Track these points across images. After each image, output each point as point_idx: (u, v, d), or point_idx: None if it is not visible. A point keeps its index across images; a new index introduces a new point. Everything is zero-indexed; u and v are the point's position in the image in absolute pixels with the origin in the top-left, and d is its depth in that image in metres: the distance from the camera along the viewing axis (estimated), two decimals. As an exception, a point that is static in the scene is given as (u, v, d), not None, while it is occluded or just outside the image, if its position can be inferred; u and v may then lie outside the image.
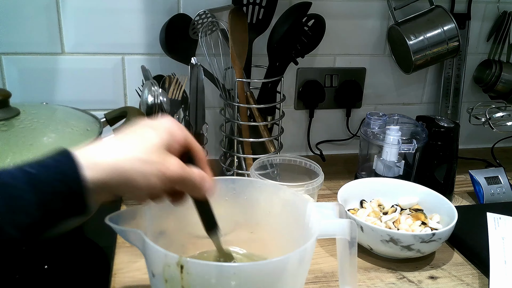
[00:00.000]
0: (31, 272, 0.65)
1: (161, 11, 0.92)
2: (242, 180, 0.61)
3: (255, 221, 0.61)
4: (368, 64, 1.07)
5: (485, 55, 1.12)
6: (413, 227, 0.73)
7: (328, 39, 0.99)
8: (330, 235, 0.53)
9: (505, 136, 1.13)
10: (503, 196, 0.90)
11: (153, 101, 0.78)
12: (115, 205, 0.84)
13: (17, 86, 0.91)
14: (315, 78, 1.05)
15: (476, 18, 1.08)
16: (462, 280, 0.69)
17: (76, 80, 0.94)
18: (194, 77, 0.80)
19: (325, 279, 0.68)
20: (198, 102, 0.81)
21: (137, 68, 0.93)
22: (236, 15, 0.83)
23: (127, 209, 0.49)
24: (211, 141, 1.03)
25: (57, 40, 0.91)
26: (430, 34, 0.95)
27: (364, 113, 0.97)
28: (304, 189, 0.75)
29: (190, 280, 0.44)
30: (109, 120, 0.76)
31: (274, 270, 0.46)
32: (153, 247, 0.45)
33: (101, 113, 0.76)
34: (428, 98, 1.14)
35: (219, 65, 0.90)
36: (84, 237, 0.74)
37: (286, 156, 0.85)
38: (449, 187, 0.91)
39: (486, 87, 1.11)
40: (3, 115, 0.63)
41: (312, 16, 0.89)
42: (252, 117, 0.89)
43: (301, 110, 1.08)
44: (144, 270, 0.67)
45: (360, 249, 0.74)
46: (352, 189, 0.81)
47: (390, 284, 0.68)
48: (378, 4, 1.02)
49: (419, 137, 0.88)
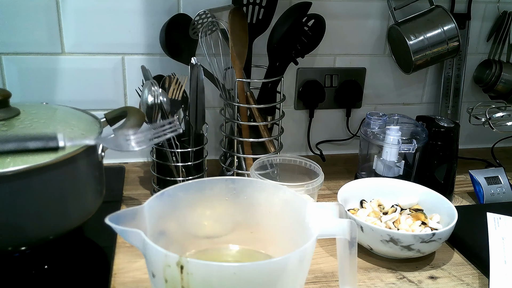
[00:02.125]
0: (31, 272, 0.65)
1: (161, 11, 0.92)
2: (242, 180, 0.61)
3: (255, 221, 0.61)
4: (368, 64, 1.07)
5: (485, 55, 1.12)
6: (413, 227, 0.73)
7: (328, 39, 0.99)
8: (330, 235, 0.53)
9: (505, 136, 1.13)
10: (503, 196, 0.90)
11: (153, 101, 0.78)
12: (115, 205, 0.84)
13: (17, 86, 0.91)
14: (315, 78, 1.05)
15: (476, 18, 1.08)
16: (462, 280, 0.69)
17: (76, 80, 0.94)
18: (194, 77, 0.80)
19: (325, 279, 0.68)
20: (198, 102, 0.81)
21: (137, 68, 0.93)
22: (236, 15, 0.83)
23: (127, 209, 0.49)
24: (211, 141, 1.03)
25: (57, 40, 0.91)
26: (430, 34, 0.95)
27: (364, 113, 0.97)
28: (304, 189, 0.75)
29: (190, 280, 0.44)
30: (109, 120, 0.76)
31: (274, 270, 0.46)
32: (153, 247, 0.45)
33: (101, 113, 0.76)
34: (428, 98, 1.14)
35: (219, 65, 0.90)
36: (84, 237, 0.74)
37: (286, 156, 0.85)
38: (449, 187, 0.91)
39: (486, 87, 1.11)
40: (3, 115, 0.63)
41: (312, 16, 0.89)
42: (252, 117, 0.89)
43: (301, 110, 1.08)
44: (144, 270, 0.67)
45: (360, 249, 0.74)
46: (352, 189, 0.81)
47: (390, 284, 0.68)
48: (378, 4, 1.02)
49: (419, 137, 0.88)
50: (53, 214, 0.62)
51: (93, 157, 0.67)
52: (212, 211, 0.61)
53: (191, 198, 0.58)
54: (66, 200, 0.63)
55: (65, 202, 0.63)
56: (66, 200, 0.63)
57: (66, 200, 0.63)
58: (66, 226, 0.65)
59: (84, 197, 0.67)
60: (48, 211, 0.61)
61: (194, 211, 0.60)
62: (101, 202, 0.71)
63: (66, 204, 0.64)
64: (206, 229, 0.62)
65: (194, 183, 0.59)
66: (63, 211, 0.63)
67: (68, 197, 0.63)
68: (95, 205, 0.69)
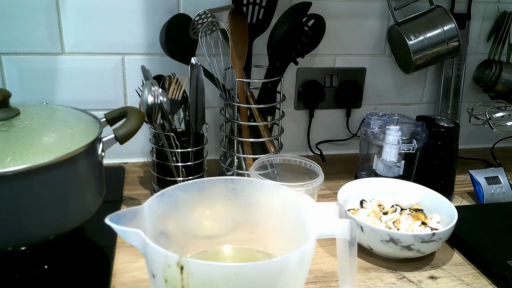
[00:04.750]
0: (31, 272, 0.65)
1: (161, 11, 0.92)
2: (242, 180, 0.61)
3: (255, 221, 0.61)
4: (368, 64, 1.07)
5: (485, 55, 1.12)
6: (413, 227, 0.73)
7: (328, 39, 0.99)
8: (330, 235, 0.53)
9: (505, 136, 1.13)
10: (503, 196, 0.90)
11: (153, 101, 0.78)
12: (115, 205, 0.84)
13: (17, 86, 0.91)
14: (315, 78, 1.05)
15: (476, 18, 1.08)
16: (462, 280, 0.69)
17: (76, 80, 0.94)
18: (194, 77, 0.80)
19: (325, 279, 0.68)
20: (198, 102, 0.81)
21: (137, 68, 0.93)
22: (236, 15, 0.83)
23: (127, 209, 0.49)
24: (211, 141, 1.03)
25: (57, 40, 0.91)
26: (430, 34, 0.95)
27: (364, 113, 0.97)
28: (304, 189, 0.75)
29: (190, 280, 0.44)
30: (109, 120, 0.76)
31: (274, 270, 0.46)
32: (153, 247, 0.45)
33: (101, 113, 0.76)
34: (428, 98, 1.14)
35: (219, 65, 0.90)
36: (84, 237, 0.74)
37: (286, 156, 0.85)
38: (449, 187, 0.91)
39: (486, 87, 1.11)
40: (3, 115, 0.63)
41: (312, 16, 0.89)
42: (252, 117, 0.89)
43: (301, 110, 1.08)
44: (144, 270, 0.67)
45: (360, 249, 0.74)
46: (352, 189, 0.81)
47: (390, 284, 0.68)
48: (378, 4, 1.02)
49: (419, 137, 0.88)
50: (53, 214, 0.62)
51: (93, 157, 0.67)
52: (212, 211, 0.61)
53: (191, 198, 0.58)
54: (66, 200, 0.63)
55: (65, 202, 0.63)
56: (66, 200, 0.63)
57: (66, 200, 0.63)
58: (66, 226, 0.65)
59: (84, 197, 0.67)
60: (48, 211, 0.61)
61: (194, 211, 0.60)
62: (101, 202, 0.71)
63: (66, 204, 0.64)
64: (206, 229, 0.62)
65: (194, 183, 0.59)
66: (63, 211, 0.63)
67: (68, 197, 0.63)
68: (95, 205, 0.69)
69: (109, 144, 0.70)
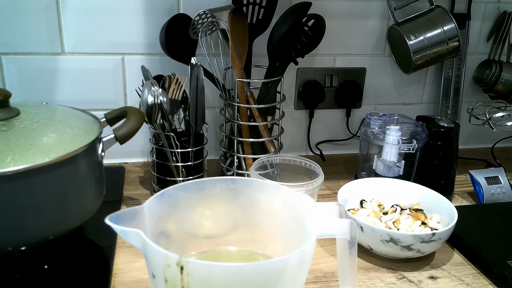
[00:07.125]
0: (31, 272, 0.65)
1: (161, 11, 0.92)
2: (242, 180, 0.61)
3: (255, 221, 0.61)
4: (368, 64, 1.07)
5: (485, 55, 1.12)
6: (413, 227, 0.73)
7: (328, 39, 0.99)
8: (330, 235, 0.53)
9: (505, 136, 1.13)
10: (503, 196, 0.90)
11: (153, 101, 0.78)
12: (115, 205, 0.84)
13: (17, 86, 0.91)
14: (315, 78, 1.05)
15: (476, 18, 1.08)
16: (462, 280, 0.69)
17: (76, 80, 0.94)
18: (194, 77, 0.80)
19: (325, 279, 0.68)
20: (198, 102, 0.81)
21: (137, 68, 0.93)
22: (236, 15, 0.83)
23: (127, 209, 0.49)
24: (211, 141, 1.03)
25: (57, 40, 0.91)
26: (430, 34, 0.95)
27: (364, 113, 0.97)
28: (304, 189, 0.75)
29: (190, 280, 0.44)
30: (109, 120, 0.76)
31: (274, 270, 0.46)
32: (153, 247, 0.45)
33: (101, 113, 0.76)
34: (428, 98, 1.14)
35: (219, 65, 0.90)
36: (84, 237, 0.74)
37: (286, 156, 0.85)
38: (449, 187, 0.91)
39: (486, 87, 1.11)
40: (3, 115, 0.63)
41: (312, 16, 0.89)
42: (252, 117, 0.89)
43: (301, 110, 1.08)
44: (144, 270, 0.67)
45: (360, 249, 0.74)
46: (352, 189, 0.81)
47: (390, 284, 0.68)
48: (378, 4, 1.02)
49: (419, 137, 0.88)
50: (53, 214, 0.62)
51: (93, 157, 0.67)
52: (212, 211, 0.61)
53: (191, 198, 0.58)
54: (66, 200, 0.63)
55: (65, 202, 0.63)
56: (66, 200, 0.63)
57: (66, 200, 0.63)
58: (66, 226, 0.65)
59: (84, 197, 0.67)
60: (48, 211, 0.61)
61: (194, 211, 0.60)
62: (101, 202, 0.71)
63: (66, 204, 0.64)
64: (206, 229, 0.62)
65: (194, 183, 0.59)
66: (63, 211, 0.63)
67: (68, 197, 0.63)
68: (95, 205, 0.69)
69: (109, 144, 0.70)
